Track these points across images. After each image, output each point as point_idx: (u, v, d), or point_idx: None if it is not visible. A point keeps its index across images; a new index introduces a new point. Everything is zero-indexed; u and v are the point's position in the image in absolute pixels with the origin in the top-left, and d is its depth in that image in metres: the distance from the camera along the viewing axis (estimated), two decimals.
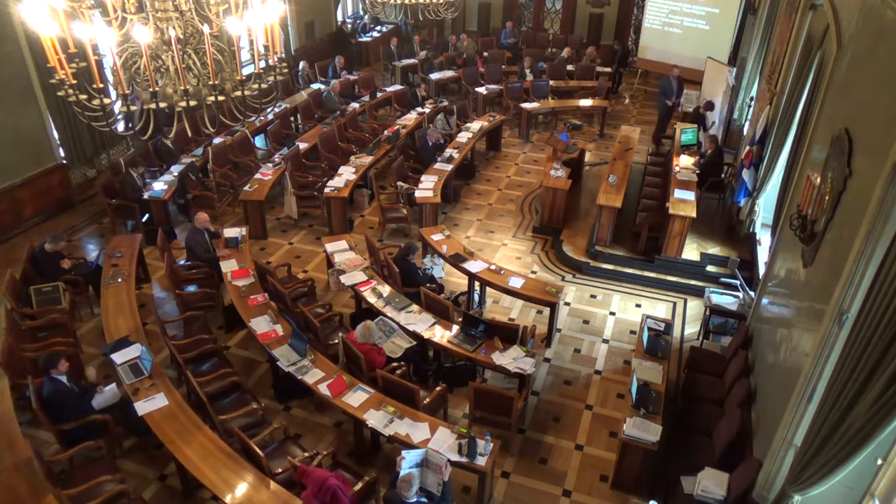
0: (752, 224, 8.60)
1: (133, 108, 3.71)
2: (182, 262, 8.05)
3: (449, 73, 14.90)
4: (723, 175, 9.98)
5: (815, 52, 6.39)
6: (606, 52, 16.01)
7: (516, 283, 7.53)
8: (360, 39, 17.36)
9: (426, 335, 6.67)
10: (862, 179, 4.07)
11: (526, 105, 13.12)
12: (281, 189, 10.09)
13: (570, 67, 15.09)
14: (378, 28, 18.10)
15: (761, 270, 7.22)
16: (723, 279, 8.19)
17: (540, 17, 18.20)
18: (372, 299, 7.16)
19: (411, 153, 11.19)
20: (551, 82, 14.13)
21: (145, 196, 9.07)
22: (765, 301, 6.41)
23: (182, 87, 3.67)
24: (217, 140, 10.52)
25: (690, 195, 8.70)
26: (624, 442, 5.45)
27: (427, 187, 9.54)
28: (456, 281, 8.47)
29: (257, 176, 9.76)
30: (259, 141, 11.95)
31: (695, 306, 8.20)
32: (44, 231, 8.87)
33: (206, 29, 3.81)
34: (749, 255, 8.45)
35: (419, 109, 12.67)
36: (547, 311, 7.57)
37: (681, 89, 12.62)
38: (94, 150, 10.42)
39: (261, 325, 6.63)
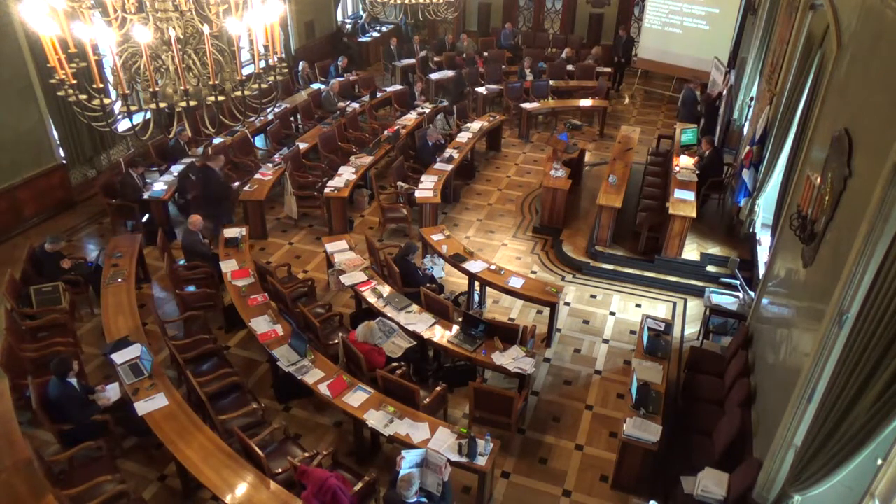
0: (752, 224, 8.59)
1: (133, 107, 3.71)
2: (182, 262, 8.05)
3: (449, 73, 14.91)
4: (723, 174, 9.98)
5: (815, 52, 6.40)
6: (607, 50, 16.02)
7: (516, 283, 7.53)
8: (360, 39, 17.35)
9: (426, 335, 6.67)
10: (862, 179, 4.07)
11: (526, 105, 13.12)
12: (281, 189, 10.09)
13: (570, 67, 15.10)
14: (378, 28, 18.10)
15: (761, 270, 7.22)
16: (723, 279, 8.19)
17: (540, 17, 18.20)
18: (372, 299, 7.16)
19: (411, 153, 11.19)
20: (551, 82, 14.13)
21: (145, 196, 9.07)
22: (765, 301, 6.41)
23: (182, 87, 3.67)
24: (217, 140, 10.52)
25: (690, 195, 8.70)
26: (624, 442, 5.45)
27: (427, 187, 9.54)
28: (456, 281, 8.47)
29: (257, 176, 9.76)
30: (259, 141, 11.95)
31: (695, 306, 8.20)
32: (44, 231, 8.88)
33: (206, 29, 3.80)
34: (749, 255, 8.45)
35: (419, 109, 12.68)
36: (547, 311, 7.57)
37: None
38: (94, 150, 10.41)
39: (261, 325, 6.63)
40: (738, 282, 7.86)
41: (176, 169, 9.73)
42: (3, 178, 8.96)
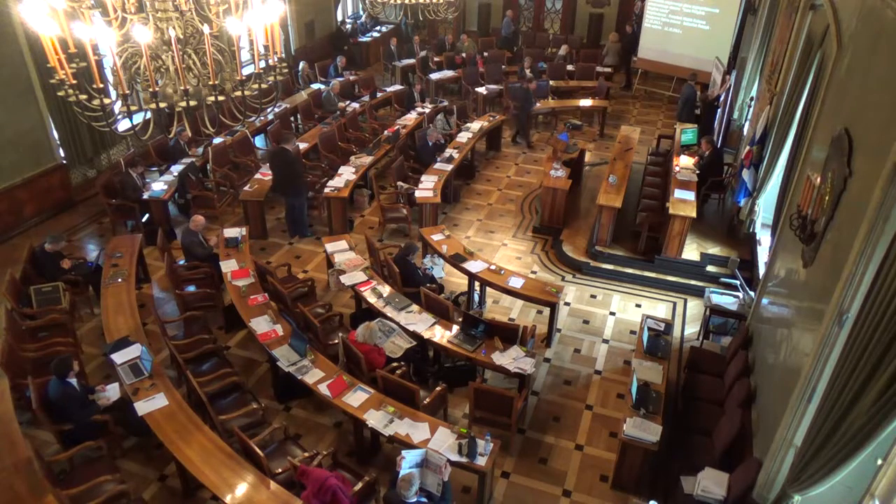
0: (752, 224, 8.59)
1: (133, 107, 3.70)
2: (182, 262, 8.05)
3: (449, 73, 14.90)
4: (723, 174, 9.98)
5: (815, 52, 6.40)
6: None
7: (516, 283, 7.53)
8: (360, 39, 17.35)
9: (426, 335, 6.67)
10: (862, 179, 4.07)
11: None
12: None
13: (570, 67, 15.10)
14: (378, 28, 18.09)
15: (761, 270, 7.22)
16: (723, 279, 8.19)
17: (540, 17, 18.20)
18: (372, 299, 7.16)
19: (411, 153, 11.19)
20: (551, 82, 14.13)
21: (145, 196, 9.07)
22: (765, 301, 6.41)
23: (182, 87, 3.67)
24: (217, 140, 10.52)
25: (690, 195, 8.70)
26: (624, 442, 5.45)
27: (427, 187, 9.54)
28: (456, 281, 8.46)
29: (257, 176, 9.76)
30: (259, 141, 11.95)
31: (695, 306, 8.20)
32: (44, 231, 8.88)
33: (206, 29, 3.80)
34: (749, 255, 8.45)
35: (418, 109, 12.68)
36: (547, 311, 7.57)
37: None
38: (94, 150, 10.42)
39: (261, 325, 6.63)
40: (738, 282, 7.87)
41: (176, 169, 9.72)
42: (3, 178, 8.96)
